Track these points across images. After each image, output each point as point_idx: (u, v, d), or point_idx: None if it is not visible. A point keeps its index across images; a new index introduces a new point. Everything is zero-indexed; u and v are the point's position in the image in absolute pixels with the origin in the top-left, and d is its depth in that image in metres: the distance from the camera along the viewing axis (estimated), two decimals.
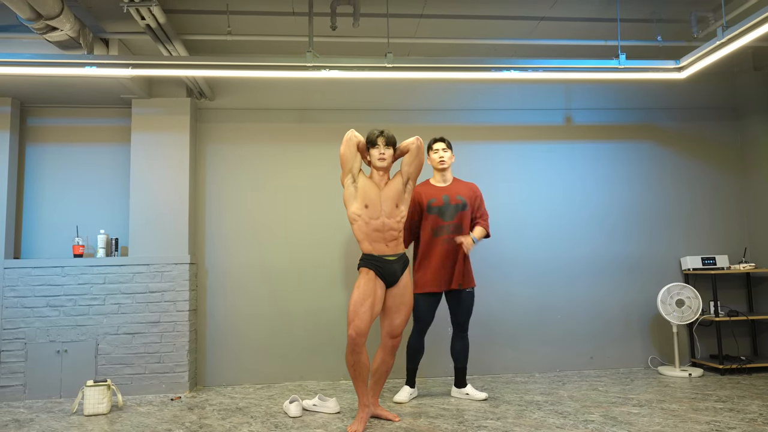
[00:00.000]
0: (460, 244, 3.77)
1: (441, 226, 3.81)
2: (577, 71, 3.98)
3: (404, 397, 3.86)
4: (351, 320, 3.18)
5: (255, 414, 3.63)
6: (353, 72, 3.80)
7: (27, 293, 4.26)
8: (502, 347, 4.78)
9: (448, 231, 3.80)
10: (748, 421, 3.16)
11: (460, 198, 3.86)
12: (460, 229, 3.82)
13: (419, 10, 4.05)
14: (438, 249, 3.80)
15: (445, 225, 3.81)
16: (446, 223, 3.81)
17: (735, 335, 4.96)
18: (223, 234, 4.70)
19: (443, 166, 3.89)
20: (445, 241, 3.80)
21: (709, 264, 4.82)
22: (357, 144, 3.33)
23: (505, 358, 4.76)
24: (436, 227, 3.82)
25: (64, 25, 3.32)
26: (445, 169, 3.91)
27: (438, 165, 3.90)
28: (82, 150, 4.69)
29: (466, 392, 3.89)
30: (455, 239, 3.76)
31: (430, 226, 3.83)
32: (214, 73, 3.77)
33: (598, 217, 5.00)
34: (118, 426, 3.41)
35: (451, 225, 3.81)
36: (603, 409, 3.53)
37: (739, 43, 3.54)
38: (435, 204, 3.85)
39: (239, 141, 4.80)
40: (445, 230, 3.81)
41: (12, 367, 4.19)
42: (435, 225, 3.83)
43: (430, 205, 3.85)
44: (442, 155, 3.88)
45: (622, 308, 4.93)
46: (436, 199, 3.86)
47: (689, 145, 5.16)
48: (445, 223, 3.81)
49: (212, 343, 4.60)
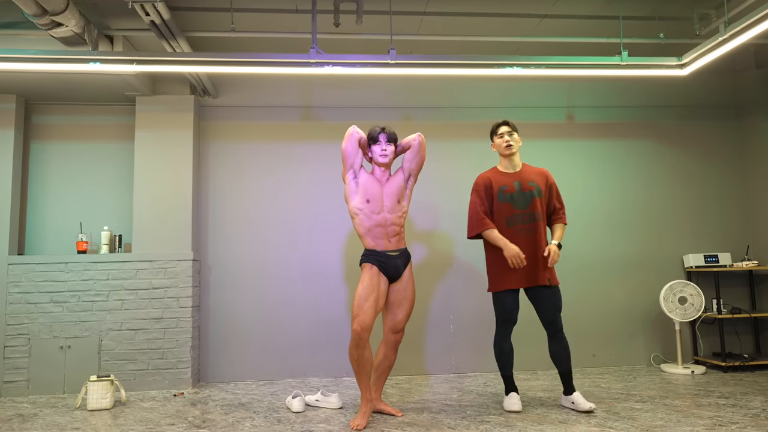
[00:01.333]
0: (546, 255, 3.44)
1: (515, 214, 3.50)
2: (579, 68, 4.00)
3: (518, 405, 3.42)
4: (355, 315, 3.18)
5: (258, 409, 3.64)
6: (356, 68, 3.81)
7: (31, 289, 4.27)
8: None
9: (523, 220, 3.48)
10: (751, 417, 3.16)
11: (532, 184, 3.54)
12: (534, 218, 3.49)
13: (422, 8, 4.07)
14: (514, 240, 3.47)
15: (519, 214, 3.49)
16: (520, 212, 3.49)
17: (738, 333, 4.96)
18: (226, 231, 4.72)
19: (510, 151, 3.56)
20: (520, 231, 3.48)
21: (711, 261, 4.82)
22: (359, 140, 3.34)
23: None
24: (510, 216, 3.50)
25: (69, 21, 3.34)
26: (512, 154, 3.57)
27: (504, 150, 3.56)
28: (85, 147, 4.71)
29: (571, 401, 3.42)
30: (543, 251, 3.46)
31: (504, 215, 3.51)
32: (218, 69, 3.78)
33: (601, 215, 5.01)
34: (122, 421, 3.42)
35: (526, 214, 3.49)
36: (606, 404, 3.53)
37: (741, 39, 3.54)
38: (507, 191, 3.53)
39: (242, 138, 4.82)
40: (519, 219, 3.49)
41: (16, 362, 4.21)
42: (509, 213, 3.51)
43: (502, 192, 3.53)
44: (507, 139, 3.55)
45: (625, 306, 4.93)
46: (507, 186, 3.54)
47: (691, 142, 5.17)
48: (518, 212, 3.49)
49: (215, 340, 4.61)
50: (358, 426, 3.11)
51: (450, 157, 4.94)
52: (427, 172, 4.90)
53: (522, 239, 3.46)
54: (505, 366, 3.49)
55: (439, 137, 4.96)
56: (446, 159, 4.94)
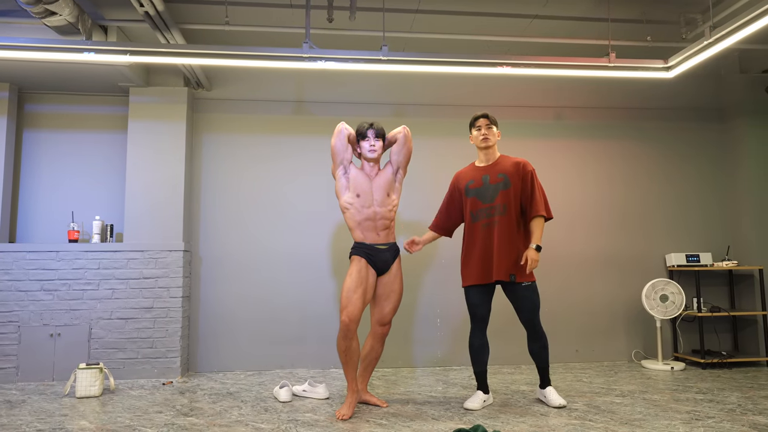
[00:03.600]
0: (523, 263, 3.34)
1: (480, 209, 3.42)
2: (568, 68, 4.06)
3: (476, 404, 3.38)
4: (344, 306, 3.24)
5: (245, 398, 3.69)
6: (349, 63, 3.86)
7: (21, 277, 4.29)
8: (489, 339, 4.86)
9: (487, 214, 3.40)
10: (727, 411, 3.26)
11: (501, 176, 3.42)
12: (499, 211, 3.37)
13: (415, 6, 4.12)
14: (478, 235, 3.41)
15: (484, 208, 3.41)
16: (485, 206, 3.41)
17: (717, 331, 5.07)
18: (218, 223, 4.75)
19: (487, 144, 3.47)
20: (484, 226, 3.40)
21: (693, 261, 4.92)
22: (347, 136, 3.40)
23: (493, 350, 4.85)
24: (475, 211, 3.44)
25: (63, 10, 3.36)
26: (489, 147, 3.48)
27: (481, 143, 3.49)
28: (78, 137, 4.73)
29: (544, 395, 3.48)
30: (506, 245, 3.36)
31: (469, 210, 3.47)
32: (212, 62, 3.81)
33: (585, 214, 5.09)
34: (110, 408, 3.46)
35: (491, 207, 3.39)
36: (587, 398, 3.61)
37: (726, 43, 3.63)
38: (473, 186, 3.48)
39: (235, 131, 4.86)
40: (484, 213, 3.41)
41: (5, 349, 4.23)
42: (474, 208, 3.45)
43: (468, 187, 3.50)
44: (485, 132, 3.47)
45: (608, 303, 5.02)
46: (474, 180, 3.49)
47: (675, 144, 5.26)
48: (484, 206, 3.41)
49: (204, 330, 4.65)
50: (344, 416, 3.17)
51: (439, 154, 5.00)
52: (416, 168, 4.96)
53: (482, 234, 3.41)
54: (476, 362, 3.45)
55: (429, 134, 5.02)
56: (435, 155, 5.00)
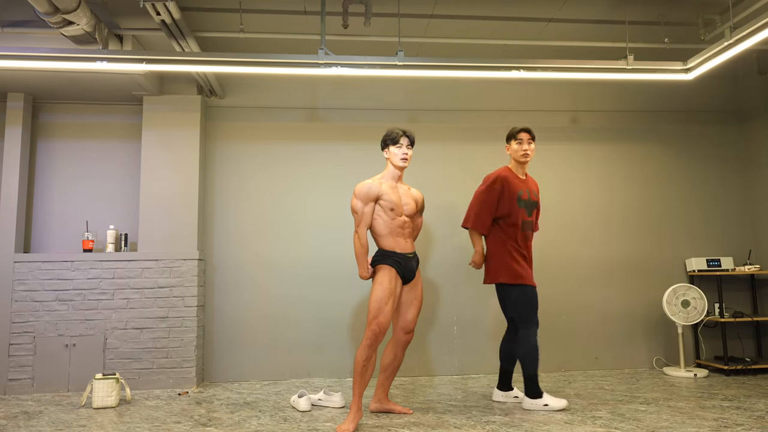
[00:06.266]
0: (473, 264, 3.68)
1: (525, 221, 3.62)
2: (585, 71, 4.02)
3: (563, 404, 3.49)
4: (375, 316, 3.14)
5: (263, 408, 3.64)
6: (364, 69, 3.83)
7: (36, 287, 4.28)
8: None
9: (529, 227, 3.65)
10: (756, 419, 3.18)
11: (535, 195, 3.72)
12: (531, 227, 3.68)
13: (429, 11, 4.09)
14: (523, 244, 3.60)
15: (528, 221, 3.64)
16: (528, 219, 3.64)
17: (740, 336, 4.98)
18: (232, 231, 4.73)
19: (526, 159, 3.65)
20: (527, 237, 3.64)
21: (714, 265, 4.84)
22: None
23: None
24: (523, 222, 3.61)
25: (80, 20, 3.36)
26: (526, 162, 3.69)
27: (521, 158, 3.65)
28: (92, 146, 4.72)
29: (514, 395, 3.71)
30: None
31: (521, 219, 3.60)
32: (227, 69, 3.80)
33: (604, 219, 5.03)
34: (127, 418, 3.42)
35: (530, 222, 3.66)
36: (610, 406, 3.54)
37: (746, 44, 3.58)
38: (524, 197, 3.63)
39: (249, 139, 4.84)
40: (528, 226, 3.64)
41: (20, 360, 4.21)
42: (523, 219, 3.61)
43: (520, 197, 3.61)
44: (526, 148, 3.63)
45: (627, 309, 4.95)
46: (523, 192, 3.64)
47: (694, 147, 5.20)
48: (527, 219, 3.64)
49: (219, 339, 4.61)
50: (346, 431, 3.03)
51: (455, 160, 4.96)
52: (432, 175, 4.92)
53: (525, 245, 3.63)
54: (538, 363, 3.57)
55: (445, 139, 4.98)
56: (451, 162, 4.96)
